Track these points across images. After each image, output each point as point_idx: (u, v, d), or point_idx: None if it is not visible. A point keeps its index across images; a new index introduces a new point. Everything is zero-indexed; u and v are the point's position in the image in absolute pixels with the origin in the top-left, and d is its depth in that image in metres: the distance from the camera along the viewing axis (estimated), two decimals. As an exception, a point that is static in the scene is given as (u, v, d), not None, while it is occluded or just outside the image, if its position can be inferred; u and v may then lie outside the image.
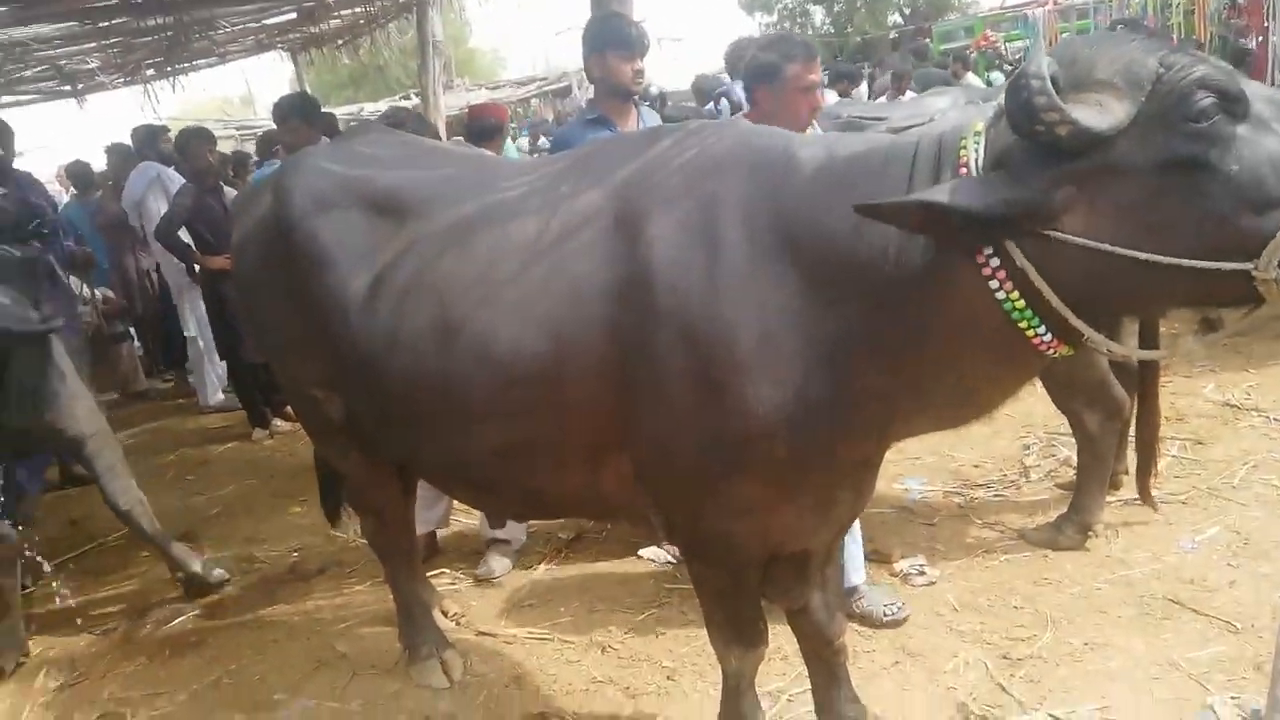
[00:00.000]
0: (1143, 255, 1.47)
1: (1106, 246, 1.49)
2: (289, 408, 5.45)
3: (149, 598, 4.03)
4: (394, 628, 3.29)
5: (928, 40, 18.57)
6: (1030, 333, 1.63)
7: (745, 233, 1.85)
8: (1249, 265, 1.44)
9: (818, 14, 31.60)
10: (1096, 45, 1.58)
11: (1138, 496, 3.54)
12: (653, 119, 3.81)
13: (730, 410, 1.85)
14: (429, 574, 3.70)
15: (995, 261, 1.58)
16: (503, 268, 2.11)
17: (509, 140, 11.51)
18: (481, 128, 4.88)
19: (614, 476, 2.12)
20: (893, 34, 24.63)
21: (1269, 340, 5.24)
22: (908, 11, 29.23)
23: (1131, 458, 3.87)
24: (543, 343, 2.02)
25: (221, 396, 7.03)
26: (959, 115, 1.84)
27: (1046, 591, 3.29)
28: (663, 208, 1.93)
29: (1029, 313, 1.61)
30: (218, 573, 4.01)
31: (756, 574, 2.23)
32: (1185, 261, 1.46)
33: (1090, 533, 3.55)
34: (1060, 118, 1.41)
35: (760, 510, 2.01)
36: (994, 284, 1.60)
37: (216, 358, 6.63)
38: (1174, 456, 4.14)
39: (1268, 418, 4.46)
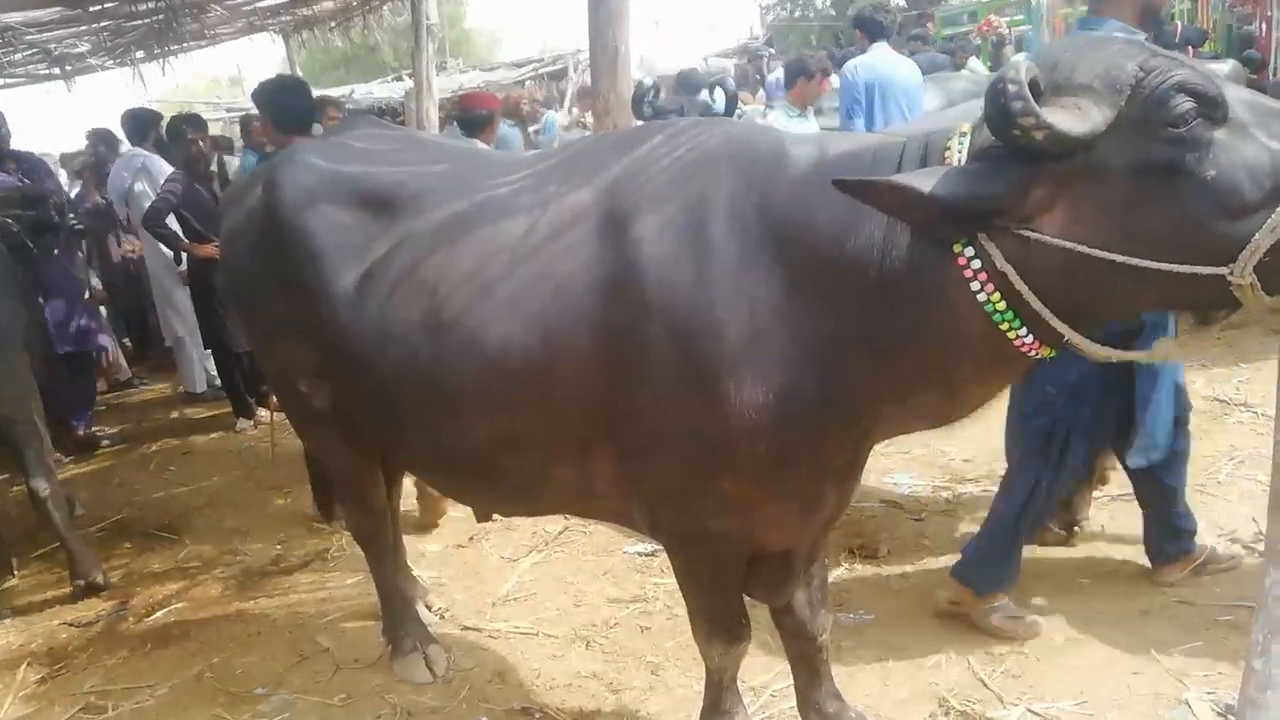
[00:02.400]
0: (1119, 258, 1.47)
1: (1084, 249, 1.49)
2: (274, 398, 5.41)
3: (131, 590, 4.01)
4: (378, 621, 3.28)
5: (930, 25, 18.42)
6: (1011, 334, 1.63)
7: (734, 230, 1.84)
8: (1224, 270, 1.44)
9: (820, -2, 31.34)
10: (1078, 49, 1.57)
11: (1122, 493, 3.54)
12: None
13: (716, 406, 1.85)
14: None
15: (977, 263, 1.58)
16: (493, 265, 2.11)
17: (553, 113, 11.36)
18: (473, 118, 4.84)
19: (601, 472, 2.12)
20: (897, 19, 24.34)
21: (1261, 335, 5.23)
22: (910, -5, 28.93)
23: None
24: (532, 339, 2.02)
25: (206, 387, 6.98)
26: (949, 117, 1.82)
27: (1030, 587, 3.28)
28: (651, 206, 1.92)
29: (1010, 314, 1.61)
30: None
31: (740, 571, 2.23)
32: (1162, 265, 1.46)
33: (1075, 529, 3.55)
34: (1036, 122, 1.39)
35: (745, 507, 2.01)
36: (975, 285, 1.60)
37: (202, 346, 6.58)
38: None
39: (1256, 413, 4.45)
